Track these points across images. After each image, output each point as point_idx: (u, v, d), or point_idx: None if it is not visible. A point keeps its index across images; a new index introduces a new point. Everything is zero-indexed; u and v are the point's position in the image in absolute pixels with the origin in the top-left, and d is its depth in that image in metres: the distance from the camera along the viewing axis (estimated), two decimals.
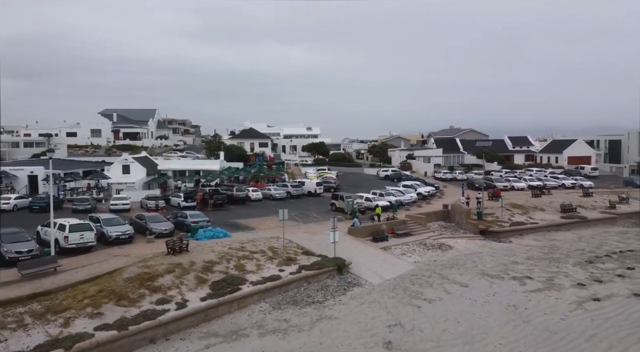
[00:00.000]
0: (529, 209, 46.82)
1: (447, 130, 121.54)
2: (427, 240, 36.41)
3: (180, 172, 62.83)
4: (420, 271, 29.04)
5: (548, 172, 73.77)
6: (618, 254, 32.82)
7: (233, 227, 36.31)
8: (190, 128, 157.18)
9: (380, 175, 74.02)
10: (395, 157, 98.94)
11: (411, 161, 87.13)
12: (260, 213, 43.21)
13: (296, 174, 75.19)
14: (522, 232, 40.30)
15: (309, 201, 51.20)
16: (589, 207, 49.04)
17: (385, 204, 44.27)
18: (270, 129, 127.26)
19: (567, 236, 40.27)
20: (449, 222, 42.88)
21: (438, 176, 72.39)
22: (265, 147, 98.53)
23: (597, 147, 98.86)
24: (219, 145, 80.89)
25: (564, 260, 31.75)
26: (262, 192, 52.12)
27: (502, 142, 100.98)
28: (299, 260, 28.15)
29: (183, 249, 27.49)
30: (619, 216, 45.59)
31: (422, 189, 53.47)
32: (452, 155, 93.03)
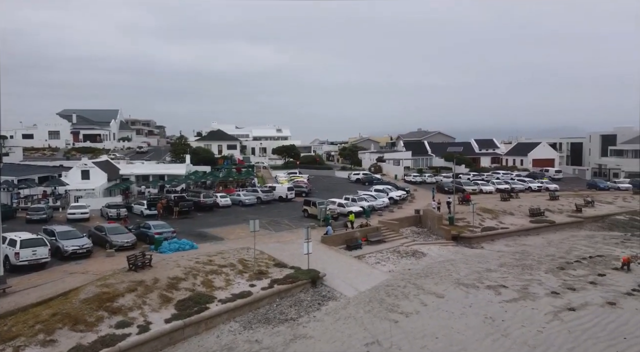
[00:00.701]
0: (498, 214, 47.16)
1: (415, 132, 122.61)
2: (401, 247, 35.90)
3: (143, 177, 60.24)
4: (396, 280, 28.37)
5: (514, 175, 75.17)
6: (588, 260, 33.17)
7: (200, 238, 34.66)
8: (154, 129, 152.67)
9: (352, 178, 73.50)
10: (366, 159, 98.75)
11: (381, 164, 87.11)
12: (229, 221, 41.63)
13: (266, 177, 73.68)
14: (494, 237, 40.41)
15: (280, 207, 49.92)
16: (556, 210, 49.90)
17: (358, 209, 43.64)
18: (238, 130, 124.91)
19: (537, 240, 40.66)
20: (421, 227, 42.61)
21: (408, 179, 72.53)
22: (234, 149, 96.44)
23: (560, 150, 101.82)
24: (185, 148, 78.28)
25: (536, 267, 31.79)
26: (231, 198, 50.47)
27: (469, 144, 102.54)
28: (271, 273, 26.92)
29: (146, 265, 25.78)
30: (586, 220, 46.54)
31: (394, 194, 53.17)
32: (421, 158, 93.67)
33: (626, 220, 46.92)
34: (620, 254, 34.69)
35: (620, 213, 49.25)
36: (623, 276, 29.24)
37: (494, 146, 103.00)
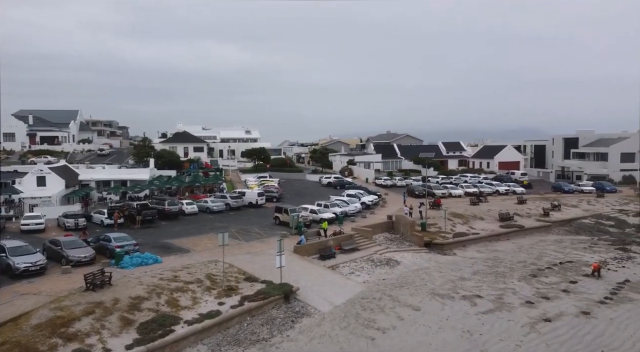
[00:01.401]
0: (469, 219, 47.29)
1: (385, 135, 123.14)
2: (375, 255, 35.22)
3: (104, 183, 57.37)
4: (371, 292, 27.59)
5: (482, 178, 76.18)
6: (559, 266, 33.43)
7: (165, 250, 32.85)
8: (117, 130, 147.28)
9: (323, 182, 72.59)
10: (337, 162, 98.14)
11: (352, 167, 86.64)
12: (196, 230, 39.84)
13: (235, 181, 71.78)
14: (465, 243, 40.35)
15: (251, 214, 48.40)
16: (525, 215, 50.54)
17: (331, 216, 42.79)
18: (206, 131, 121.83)
19: (508, 246, 40.86)
20: (394, 233, 42.13)
21: (379, 182, 72.27)
22: (201, 152, 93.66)
23: (524, 152, 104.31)
24: (149, 151, 75.27)
25: (509, 274, 31.73)
26: (198, 205, 48.55)
27: (437, 147, 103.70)
28: (241, 289, 25.57)
29: (105, 283, 23.99)
30: (553, 224, 47.27)
31: (366, 199, 52.60)
32: (390, 161, 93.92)
33: (592, 224, 47.96)
34: (589, 259, 35.22)
35: (586, 217, 50.34)
36: (594, 283, 29.49)
37: (461, 149, 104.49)
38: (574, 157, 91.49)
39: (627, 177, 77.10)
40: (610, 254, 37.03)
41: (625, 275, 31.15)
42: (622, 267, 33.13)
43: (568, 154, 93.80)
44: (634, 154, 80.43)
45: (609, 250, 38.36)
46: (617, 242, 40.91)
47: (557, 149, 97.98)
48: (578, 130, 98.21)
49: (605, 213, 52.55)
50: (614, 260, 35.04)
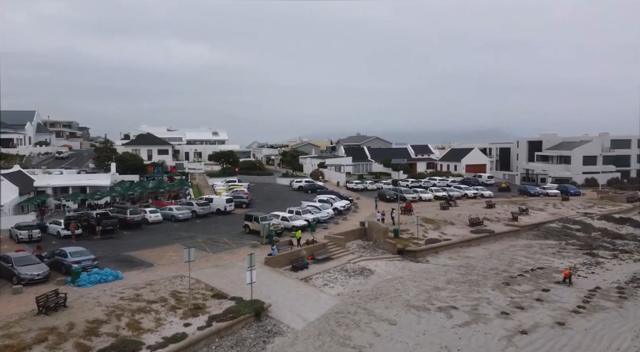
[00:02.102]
0: (440, 224, 47.21)
1: (354, 137, 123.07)
2: (348, 265, 34.38)
3: (62, 189, 54.18)
4: (345, 305, 26.68)
5: (450, 181, 76.86)
6: (530, 273, 33.50)
7: (126, 264, 30.87)
8: (77, 131, 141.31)
9: (294, 186, 71.35)
10: (307, 165, 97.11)
11: (323, 170, 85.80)
12: (160, 241, 37.85)
13: (202, 186, 69.55)
14: (437, 250, 40.11)
15: (219, 221, 46.63)
16: (494, 219, 50.95)
17: (303, 223, 41.72)
18: (171, 133, 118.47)
19: (479, 252, 40.89)
20: (367, 240, 41.51)
21: (350, 186, 71.73)
22: (166, 154, 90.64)
23: (490, 155, 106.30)
24: (110, 155, 71.93)
25: (482, 283, 31.51)
26: (162, 213, 46.40)
27: (406, 150, 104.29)
28: (209, 307, 24.10)
29: (60, 305, 22.10)
30: (522, 228, 47.81)
31: (338, 204, 51.79)
32: (361, 164, 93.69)
33: (559, 228, 48.79)
34: (559, 265, 35.55)
35: (553, 221, 51.22)
36: (566, 291, 29.59)
37: (429, 152, 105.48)
38: (538, 160, 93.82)
39: (589, 179, 79.61)
40: (579, 259, 37.54)
41: (595, 281, 31.46)
42: (591, 273, 33.51)
43: (532, 157, 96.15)
44: (596, 157, 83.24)
45: (577, 255, 38.93)
46: (585, 246, 41.63)
47: (522, 151, 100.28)
48: (542, 134, 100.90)
49: (571, 217, 53.71)
50: (583, 266, 35.48)
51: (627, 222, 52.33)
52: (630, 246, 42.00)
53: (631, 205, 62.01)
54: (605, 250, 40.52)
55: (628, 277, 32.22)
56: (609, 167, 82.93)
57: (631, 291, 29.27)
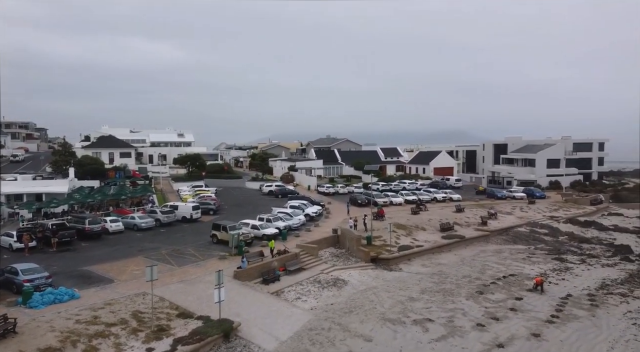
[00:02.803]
0: (412, 230, 46.91)
1: (325, 139, 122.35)
2: (321, 275, 33.40)
3: (16, 197, 50.73)
4: (319, 321, 25.64)
5: (419, 184, 77.18)
6: (502, 280, 33.44)
7: (84, 280, 28.79)
8: (34, 132, 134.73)
9: (264, 190, 69.74)
10: (277, 167, 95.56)
11: (294, 173, 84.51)
12: (121, 253, 35.70)
13: (167, 191, 66.93)
14: (410, 257, 39.66)
15: (185, 230, 44.64)
16: (464, 224, 51.13)
17: (274, 231, 40.43)
18: (134, 135, 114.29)
19: (451, 258, 40.70)
20: (340, 248, 40.69)
21: (321, 190, 70.79)
22: (128, 157, 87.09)
23: (457, 157, 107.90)
24: (69, 158, 68.25)
25: (456, 292, 31.15)
26: (124, 222, 44.04)
27: (375, 153, 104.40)
28: (174, 329, 22.53)
29: (8, 332, 20.10)
30: (492, 233, 48.11)
31: (310, 210, 50.70)
32: (331, 167, 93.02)
33: (528, 232, 49.41)
34: (530, 272, 35.71)
35: (521, 225, 51.88)
36: (539, 299, 29.58)
37: (398, 154, 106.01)
38: (504, 163, 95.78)
39: (553, 182, 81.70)
40: (548, 264, 37.88)
41: (566, 288, 31.66)
42: (562, 279, 33.77)
43: (498, 160, 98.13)
44: (559, 160, 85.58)
45: (547, 260, 39.32)
46: (553, 251, 42.18)
47: (488, 154, 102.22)
48: (507, 137, 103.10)
49: (538, 220, 54.63)
50: (553, 271, 35.77)
51: (592, 225, 53.64)
52: (596, 250, 42.86)
53: (594, 208, 63.80)
54: (573, 255, 41.16)
55: (597, 283, 32.62)
56: (572, 170, 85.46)
57: (602, 298, 29.54)
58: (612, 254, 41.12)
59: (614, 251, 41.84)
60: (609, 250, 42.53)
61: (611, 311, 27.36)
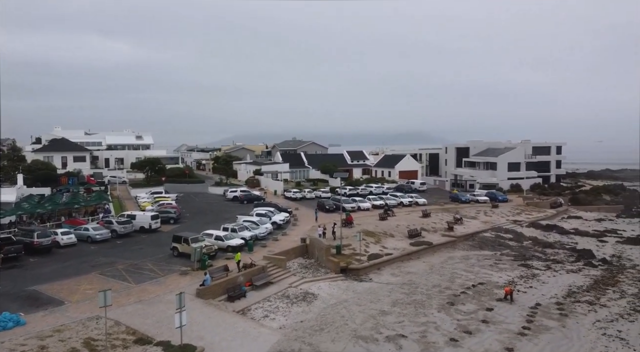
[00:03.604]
0: (380, 237, 46.34)
1: (290, 142, 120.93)
2: (290, 289, 32.09)
3: None
4: (288, 342, 24.35)
5: (385, 188, 77.13)
6: (472, 290, 33.21)
7: (31, 302, 26.30)
8: None
9: (228, 196, 67.55)
10: (242, 171, 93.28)
11: (259, 178, 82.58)
12: (73, 270, 33.06)
13: (124, 198, 63.66)
14: (380, 266, 38.97)
15: (143, 242, 42.17)
16: (431, 229, 51.09)
17: (239, 242, 38.76)
18: (89, 137, 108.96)
19: (420, 266, 40.30)
20: (309, 258, 39.57)
21: (288, 195, 69.40)
22: (82, 162, 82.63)
23: (420, 160, 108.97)
24: (17, 164, 63.72)
25: (427, 303, 30.60)
26: (77, 233, 41.15)
27: (342, 156, 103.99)
28: None
29: None
30: (458, 239, 48.22)
31: (277, 217, 49.20)
32: (298, 170, 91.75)
33: (493, 238, 49.86)
34: (498, 279, 35.73)
35: (486, 230, 52.35)
36: (509, 309, 29.43)
37: (364, 158, 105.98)
38: (466, 166, 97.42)
39: (514, 185, 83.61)
40: (515, 271, 38.08)
41: (535, 297, 31.74)
42: (529, 287, 33.89)
43: (460, 163, 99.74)
44: (520, 163, 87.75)
45: (513, 267, 39.57)
46: (519, 257, 42.59)
47: (450, 157, 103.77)
48: (469, 140, 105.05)
49: (502, 225, 55.36)
50: (520, 279, 35.92)
51: (554, 229, 54.85)
52: (560, 255, 43.63)
53: (555, 211, 65.50)
54: (538, 260, 41.68)
55: (564, 291, 32.93)
56: (532, 173, 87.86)
57: (570, 306, 29.72)
58: (575, 259, 41.93)
59: (577, 256, 42.70)
60: (572, 255, 43.39)
61: (580, 320, 27.49)
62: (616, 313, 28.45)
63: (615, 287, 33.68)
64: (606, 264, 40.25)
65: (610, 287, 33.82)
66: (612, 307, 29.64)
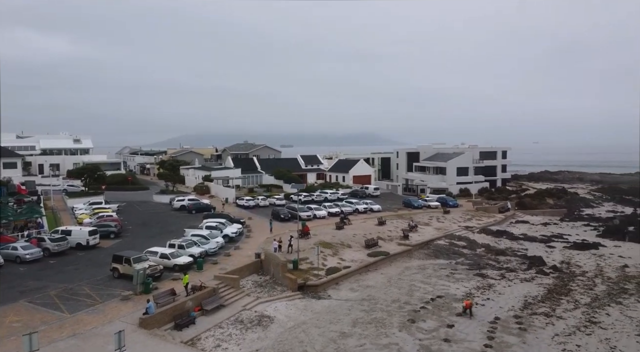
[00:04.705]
0: (337, 248, 45.11)
1: (242, 145, 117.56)
2: (244, 312, 30.02)
3: None
4: None
5: (341, 194, 76.31)
6: (431, 304, 32.63)
7: None
8: None
9: (175, 205, 63.85)
10: (190, 177, 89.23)
11: (209, 184, 79.09)
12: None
13: (59, 210, 58.55)
14: (338, 280, 37.68)
15: (79, 261, 38.43)
16: (387, 238, 50.55)
17: (188, 260, 36.13)
18: (21, 141, 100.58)
19: (378, 278, 39.42)
20: (264, 275, 37.60)
21: (240, 203, 66.76)
22: (13, 168, 75.63)
23: (372, 164, 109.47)
24: None
25: (388, 321, 29.58)
26: (4, 252, 36.88)
27: (296, 160, 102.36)
28: None
29: None
30: (414, 247, 47.92)
31: (229, 230, 46.66)
32: (250, 176, 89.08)
33: (447, 246, 50.01)
34: (455, 291, 35.42)
35: (440, 237, 52.51)
36: (469, 325, 28.99)
37: (318, 162, 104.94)
38: (417, 171, 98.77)
39: (463, 190, 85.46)
40: (471, 282, 38.02)
41: (493, 310, 31.58)
42: (487, 299, 33.76)
43: (411, 167, 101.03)
44: (468, 168, 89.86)
45: (469, 276, 39.55)
46: (474, 266, 42.76)
47: (402, 161, 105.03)
48: (419, 145, 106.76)
49: (455, 231, 55.89)
50: (477, 290, 35.81)
51: (504, 234, 56.03)
52: (512, 263, 44.26)
53: (503, 216, 67.24)
54: (492, 269, 42.00)
55: (520, 302, 33.04)
56: (479, 178, 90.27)
57: (528, 320, 29.72)
58: (527, 266, 42.63)
59: (529, 263, 43.49)
60: (523, 262, 44.15)
61: (540, 335, 27.44)
62: (573, 326, 28.71)
63: (568, 297, 34.30)
64: (557, 271, 41.17)
65: (563, 296, 34.40)
66: (568, 318, 29.96)
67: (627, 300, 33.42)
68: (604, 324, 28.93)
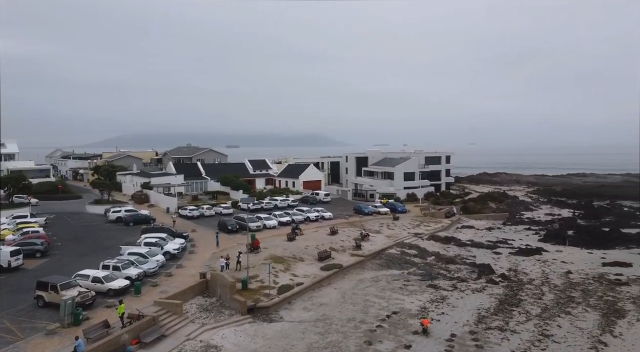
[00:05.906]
0: (290, 262, 43.30)
1: (184, 149, 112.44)
2: (188, 343, 27.47)
3: None
4: None
5: (291, 201, 74.51)
6: (387, 322, 31.66)
7: None
8: None
9: (111, 217, 59.12)
10: (127, 184, 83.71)
11: (149, 192, 74.34)
12: None
13: None
14: (291, 299, 35.87)
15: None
16: (339, 248, 49.43)
17: (124, 283, 32.87)
18: None
19: (332, 294, 38.05)
20: (210, 297, 34.98)
21: (184, 213, 63.06)
22: None
23: (322, 169, 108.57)
24: None
25: (344, 345, 28.20)
26: None
27: (243, 165, 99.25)
28: None
29: None
30: (366, 258, 47.11)
31: (171, 246, 43.41)
32: (194, 182, 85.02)
33: (399, 255, 49.64)
34: (410, 306, 34.78)
35: (391, 246, 52.10)
36: (427, 344, 28.27)
37: (267, 167, 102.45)
38: (365, 175, 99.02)
39: (410, 195, 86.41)
40: (425, 294, 37.59)
41: (448, 325, 31.13)
42: (442, 314, 33.33)
43: (360, 172, 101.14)
44: (414, 173, 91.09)
45: (422, 288, 39.17)
46: (426, 276, 42.52)
47: (351, 166, 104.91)
48: (367, 150, 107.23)
49: (405, 239, 55.85)
50: (432, 303, 35.37)
51: (452, 241, 56.70)
52: (463, 272, 44.53)
53: (449, 221, 68.36)
54: (444, 279, 41.95)
55: (474, 316, 32.87)
56: (425, 182, 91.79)
57: (483, 335, 29.46)
58: (477, 275, 42.99)
59: (478, 271, 43.93)
60: (473, 271, 44.54)
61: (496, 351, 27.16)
62: (527, 340, 28.74)
63: (519, 307, 34.63)
64: (506, 279, 41.79)
65: (514, 307, 34.70)
66: (522, 332, 30.03)
67: (575, 309, 34.25)
68: (556, 337, 29.23)
